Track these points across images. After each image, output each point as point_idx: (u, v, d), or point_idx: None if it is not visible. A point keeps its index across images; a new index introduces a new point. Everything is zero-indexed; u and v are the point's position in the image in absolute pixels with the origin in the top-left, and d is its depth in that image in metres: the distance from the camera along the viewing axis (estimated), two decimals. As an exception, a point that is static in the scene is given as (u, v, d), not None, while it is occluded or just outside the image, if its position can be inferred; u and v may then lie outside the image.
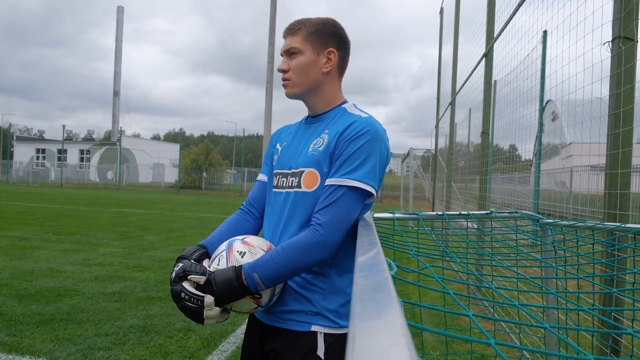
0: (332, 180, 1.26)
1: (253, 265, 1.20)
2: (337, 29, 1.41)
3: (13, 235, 7.89)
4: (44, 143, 46.32)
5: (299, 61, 1.37)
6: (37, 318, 3.71)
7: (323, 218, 1.22)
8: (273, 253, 1.22)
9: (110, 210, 13.81)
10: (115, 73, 47.63)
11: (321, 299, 1.30)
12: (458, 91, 7.78)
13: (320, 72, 1.38)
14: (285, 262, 1.20)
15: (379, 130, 1.31)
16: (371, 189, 1.26)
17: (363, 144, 1.26)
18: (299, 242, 1.21)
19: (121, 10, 47.71)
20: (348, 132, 1.28)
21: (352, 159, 1.25)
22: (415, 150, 16.33)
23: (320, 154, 1.32)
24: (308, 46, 1.37)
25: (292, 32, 1.39)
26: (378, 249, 0.72)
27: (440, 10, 11.73)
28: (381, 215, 1.81)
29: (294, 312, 1.31)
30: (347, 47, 1.44)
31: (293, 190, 1.36)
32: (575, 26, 2.66)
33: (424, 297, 4.60)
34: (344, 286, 1.33)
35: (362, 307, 0.37)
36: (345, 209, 1.23)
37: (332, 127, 1.36)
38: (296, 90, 1.39)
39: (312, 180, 1.32)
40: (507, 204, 6.24)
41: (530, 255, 1.99)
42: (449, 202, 8.69)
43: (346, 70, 1.47)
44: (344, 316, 1.33)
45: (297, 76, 1.37)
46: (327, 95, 1.41)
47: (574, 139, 5.33)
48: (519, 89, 4.33)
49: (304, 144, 1.40)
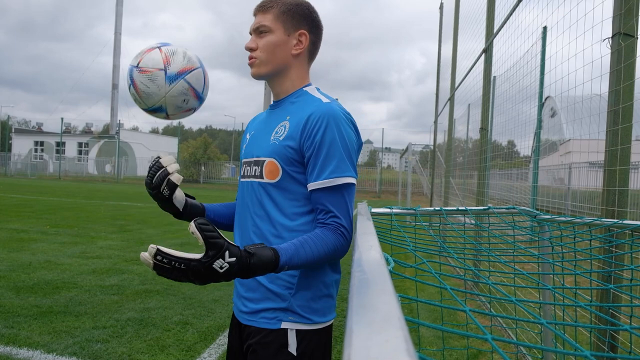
0: (325, 182, 1.22)
1: (289, 259, 1.13)
2: (310, 12, 1.35)
3: (11, 228, 7.88)
4: (42, 135, 46.15)
5: (268, 40, 1.30)
6: (35, 310, 3.71)
7: (343, 221, 1.21)
8: (305, 247, 1.15)
9: (108, 203, 13.80)
10: (114, 66, 47.38)
11: (290, 294, 1.26)
12: (457, 87, 7.77)
13: (290, 53, 1.32)
14: (313, 254, 1.16)
15: (340, 115, 1.25)
16: (354, 179, 1.26)
17: (330, 138, 1.22)
18: (325, 240, 1.18)
19: (120, 2, 47.39)
20: (311, 126, 1.23)
21: (330, 157, 1.22)
22: (414, 146, 16.33)
23: (280, 143, 1.27)
24: (279, 25, 1.31)
25: (263, 10, 1.33)
26: (376, 243, 0.72)
27: (440, 6, 11.69)
28: (379, 211, 1.81)
29: (264, 310, 1.28)
30: (320, 32, 1.39)
31: (256, 180, 1.31)
32: (576, 22, 2.66)
33: (420, 293, 4.61)
34: (315, 280, 1.29)
35: (359, 302, 0.37)
36: (351, 207, 1.24)
37: (293, 112, 1.30)
38: (263, 70, 1.33)
39: (274, 171, 1.28)
40: (505, 200, 6.25)
41: (527, 251, 1.99)
42: (447, 198, 8.71)
43: (316, 57, 1.41)
44: (317, 311, 1.29)
45: (265, 55, 1.31)
46: (293, 78, 1.36)
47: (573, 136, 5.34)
48: (518, 85, 4.32)
49: (267, 131, 1.35)
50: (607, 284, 1.85)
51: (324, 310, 1.30)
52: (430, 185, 13.95)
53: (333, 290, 1.34)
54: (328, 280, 1.32)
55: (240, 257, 1.03)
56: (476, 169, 5.60)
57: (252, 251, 1.06)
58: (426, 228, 1.81)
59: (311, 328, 1.27)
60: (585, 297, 2.27)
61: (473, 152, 6.44)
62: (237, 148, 39.73)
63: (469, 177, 7.08)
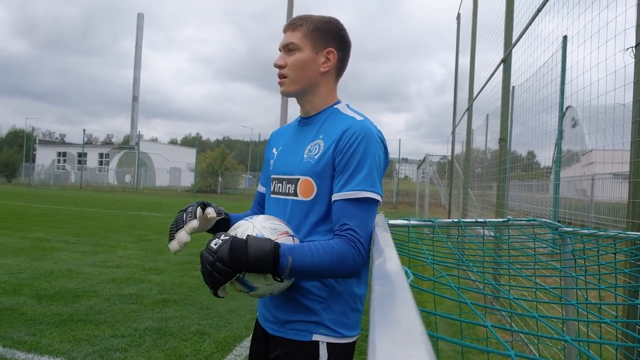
0: (346, 194, 1.21)
1: (291, 248, 1.13)
2: (339, 29, 1.36)
3: (34, 237, 8.06)
4: (65, 147, 47.40)
5: (297, 58, 1.31)
6: (56, 318, 3.77)
7: (358, 234, 1.17)
8: (311, 247, 1.15)
9: (127, 213, 14.01)
10: (135, 79, 48.54)
11: (322, 309, 1.27)
12: (475, 97, 7.71)
13: (318, 71, 1.33)
14: (321, 261, 1.13)
15: (374, 134, 1.26)
16: (379, 196, 1.24)
17: (362, 154, 1.22)
18: (335, 248, 1.15)
19: (141, 17, 48.67)
20: (344, 142, 1.24)
21: (357, 171, 1.22)
22: (431, 157, 16.21)
23: (315, 162, 1.28)
24: (307, 43, 1.32)
25: (292, 28, 1.34)
26: (395, 256, 0.71)
27: (457, 16, 11.67)
28: (396, 222, 1.80)
29: (295, 322, 1.28)
30: (348, 48, 1.39)
31: (290, 197, 1.32)
32: (597, 32, 2.62)
33: (438, 306, 4.54)
34: (345, 294, 1.29)
35: (381, 315, 0.37)
36: (370, 222, 1.22)
37: (326, 130, 1.31)
38: (292, 89, 1.34)
39: (308, 189, 1.28)
40: (525, 212, 6.14)
41: (549, 264, 1.95)
42: (465, 209, 8.59)
43: (344, 73, 1.42)
44: (346, 325, 1.29)
45: (293, 73, 1.32)
46: (322, 96, 1.37)
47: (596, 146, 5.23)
48: (538, 95, 4.27)
49: (298, 149, 1.35)
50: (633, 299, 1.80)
51: (353, 325, 1.31)
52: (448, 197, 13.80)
53: (361, 305, 1.34)
54: (357, 294, 1.32)
55: (234, 237, 1.11)
56: (495, 180, 5.52)
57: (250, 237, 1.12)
58: (444, 240, 1.79)
59: (340, 342, 1.28)
60: (610, 313, 2.20)
61: (492, 162, 6.36)
62: (254, 159, 40.01)
63: (487, 188, 6.98)
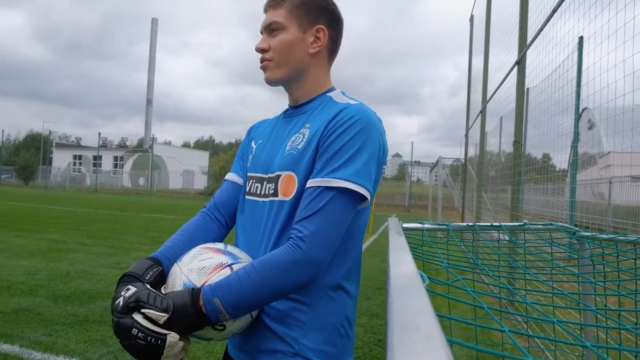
0: (315, 181, 1.01)
1: (215, 287, 0.93)
2: (328, 3, 1.17)
3: (51, 239, 8.19)
4: (81, 150, 48.18)
5: (282, 39, 1.12)
6: (72, 319, 3.82)
7: (306, 230, 0.96)
8: (241, 272, 0.96)
9: (141, 216, 14.17)
10: (149, 82, 49.19)
11: (301, 336, 1.04)
12: (489, 99, 7.64)
13: (307, 52, 1.14)
14: (256, 285, 0.94)
15: (373, 118, 1.06)
16: (364, 190, 1.00)
17: (353, 136, 1.01)
18: (274, 259, 0.96)
19: (155, 22, 49.38)
20: (335, 122, 1.04)
21: (340, 154, 1.00)
22: (444, 159, 16.10)
23: (298, 152, 1.07)
24: (293, 21, 1.13)
25: (274, 5, 1.15)
26: (410, 260, 0.71)
27: (470, 18, 11.60)
28: (410, 226, 1.79)
29: (269, 352, 1.05)
30: (340, 26, 1.19)
31: (269, 199, 1.11)
32: (615, 32, 2.57)
33: (453, 310, 4.49)
34: (330, 316, 1.06)
35: (399, 320, 0.36)
36: (333, 219, 0.98)
37: (314, 119, 1.11)
38: (278, 75, 1.14)
39: (290, 187, 1.07)
40: (540, 215, 6.05)
41: (566, 269, 1.91)
42: (479, 213, 8.51)
43: (337, 55, 1.22)
44: (332, 356, 1.05)
45: (278, 56, 1.12)
46: (312, 81, 1.17)
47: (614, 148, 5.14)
48: (553, 97, 4.21)
49: (281, 142, 1.15)
50: (654, 306, 1.75)
51: (341, 355, 1.08)
52: (461, 200, 13.69)
53: (351, 330, 1.11)
54: (346, 316, 1.10)
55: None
56: (510, 182, 5.46)
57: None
58: (458, 244, 1.77)
59: None
60: (630, 319, 2.15)
61: (506, 165, 6.29)
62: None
63: (502, 192, 6.90)
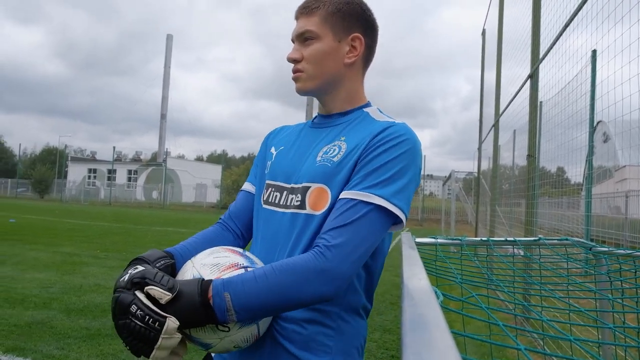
0: (351, 192, 0.95)
1: (227, 282, 0.86)
2: (364, 10, 1.10)
3: (64, 252, 8.28)
4: (95, 163, 49.00)
5: (315, 49, 1.06)
6: (84, 332, 3.84)
7: (334, 240, 0.90)
8: (258, 272, 0.89)
9: (154, 229, 14.27)
10: (163, 97, 50.00)
11: None
12: (502, 113, 7.61)
13: (342, 63, 1.08)
14: (273, 288, 0.87)
15: (418, 142, 1.03)
16: (400, 213, 0.95)
17: (399, 155, 0.97)
18: (297, 265, 0.89)
19: (170, 38, 50.38)
20: (381, 138, 0.99)
21: (382, 171, 0.95)
22: (457, 173, 15.98)
23: (333, 165, 1.00)
24: (327, 30, 1.06)
25: (307, 12, 1.08)
26: (424, 275, 0.70)
27: (483, 32, 11.61)
28: (423, 240, 1.77)
29: None
30: (375, 33, 1.13)
31: (291, 210, 1.03)
32: (629, 46, 2.56)
33: (467, 326, 4.42)
34: (354, 339, 1.02)
35: (413, 338, 0.36)
36: (364, 235, 0.92)
37: (351, 133, 1.05)
38: (310, 86, 1.08)
39: (322, 200, 1.00)
40: (555, 230, 5.96)
41: (583, 285, 1.88)
42: (492, 227, 8.41)
43: (371, 63, 1.17)
44: None
45: (312, 67, 1.07)
46: (347, 92, 1.11)
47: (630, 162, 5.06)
48: (567, 110, 4.18)
49: (310, 151, 1.08)
50: (675, 324, 1.70)
51: None
52: (474, 214, 13.54)
53: (363, 354, 1.08)
54: (364, 335, 1.08)
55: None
56: (524, 196, 5.40)
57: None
58: (472, 259, 1.75)
59: None
60: (650, 337, 2.09)
61: (520, 179, 6.23)
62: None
63: (516, 205, 6.82)
